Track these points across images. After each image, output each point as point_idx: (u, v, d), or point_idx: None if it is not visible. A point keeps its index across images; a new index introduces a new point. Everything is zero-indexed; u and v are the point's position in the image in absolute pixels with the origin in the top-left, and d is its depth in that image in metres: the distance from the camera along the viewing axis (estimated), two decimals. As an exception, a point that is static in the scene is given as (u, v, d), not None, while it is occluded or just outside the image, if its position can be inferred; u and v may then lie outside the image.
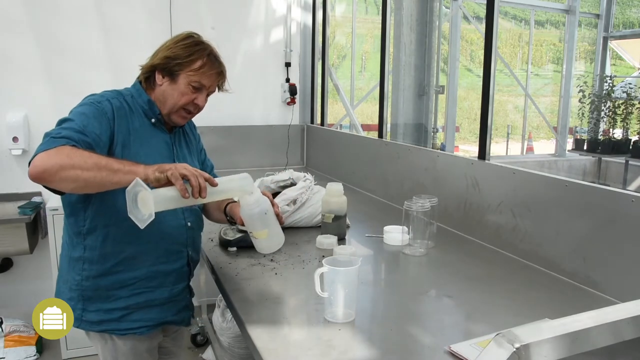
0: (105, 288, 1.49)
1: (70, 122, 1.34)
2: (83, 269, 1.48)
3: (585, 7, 8.72)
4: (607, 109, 5.96)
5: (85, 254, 1.48)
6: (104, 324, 1.51)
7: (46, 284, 2.92)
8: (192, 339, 3.13)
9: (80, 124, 1.33)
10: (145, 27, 3.28)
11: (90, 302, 1.49)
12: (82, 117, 1.36)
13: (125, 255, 1.48)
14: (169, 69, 1.50)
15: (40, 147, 1.25)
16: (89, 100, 1.45)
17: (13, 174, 3.10)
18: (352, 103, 5.17)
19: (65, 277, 1.54)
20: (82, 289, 1.49)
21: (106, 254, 1.47)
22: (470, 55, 14.45)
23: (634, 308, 0.67)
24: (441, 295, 1.54)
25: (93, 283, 1.48)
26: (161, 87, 1.53)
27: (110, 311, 1.50)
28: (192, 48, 1.51)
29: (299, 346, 1.19)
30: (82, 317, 1.50)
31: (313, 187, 2.15)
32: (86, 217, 1.46)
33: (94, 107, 1.41)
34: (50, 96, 3.13)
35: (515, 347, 0.57)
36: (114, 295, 1.49)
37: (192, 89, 1.51)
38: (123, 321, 1.51)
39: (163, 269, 1.54)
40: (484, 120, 2.04)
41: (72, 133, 1.29)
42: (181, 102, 1.52)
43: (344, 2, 7.50)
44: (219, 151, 3.46)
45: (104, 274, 1.48)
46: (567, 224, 1.64)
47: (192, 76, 1.50)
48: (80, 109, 1.40)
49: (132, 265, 1.49)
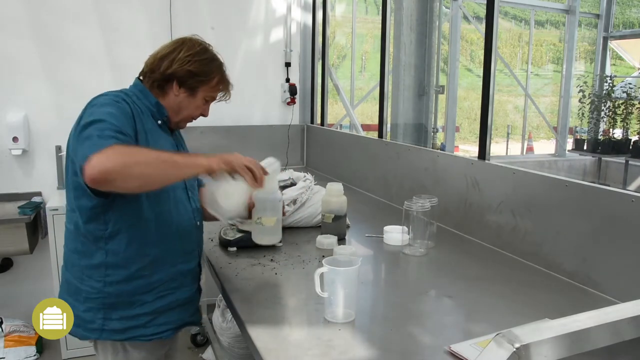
0: (129, 293, 1.44)
1: (105, 122, 1.28)
2: (106, 275, 1.41)
3: (585, 7, 8.72)
4: (607, 109, 5.96)
5: (108, 259, 1.41)
6: (129, 331, 1.45)
7: (46, 284, 2.93)
8: (192, 339, 3.13)
9: (116, 124, 1.29)
10: (145, 27, 3.28)
11: (112, 310, 1.43)
12: (114, 117, 1.31)
13: (151, 258, 1.45)
14: (189, 83, 1.52)
15: (89, 149, 1.19)
16: (105, 100, 1.38)
17: (13, 174, 3.10)
18: (352, 103, 5.17)
19: (76, 289, 1.45)
20: (103, 296, 1.42)
21: (130, 257, 1.42)
22: (470, 55, 14.45)
23: (634, 308, 0.67)
24: (441, 295, 1.54)
25: (116, 289, 1.42)
26: (177, 98, 1.54)
27: (135, 317, 1.45)
28: (211, 65, 1.55)
29: (299, 346, 1.19)
30: (103, 326, 1.43)
31: (313, 187, 2.15)
32: (107, 221, 1.40)
33: (117, 107, 1.36)
34: (50, 96, 3.13)
35: (515, 347, 0.57)
36: (139, 300, 1.45)
37: (205, 102, 1.58)
38: (149, 326, 1.47)
39: (182, 269, 1.53)
40: (484, 120, 2.04)
41: (115, 133, 1.26)
42: (194, 113, 1.58)
43: (344, 2, 7.50)
44: (219, 151, 3.41)
45: (128, 278, 1.43)
46: (567, 224, 1.64)
47: (208, 92, 1.56)
48: (106, 109, 1.33)
49: (157, 267, 1.46)
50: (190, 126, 1.70)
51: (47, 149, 3.13)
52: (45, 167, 3.15)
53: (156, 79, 1.52)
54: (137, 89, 1.53)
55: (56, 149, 3.13)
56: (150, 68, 1.53)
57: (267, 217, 1.55)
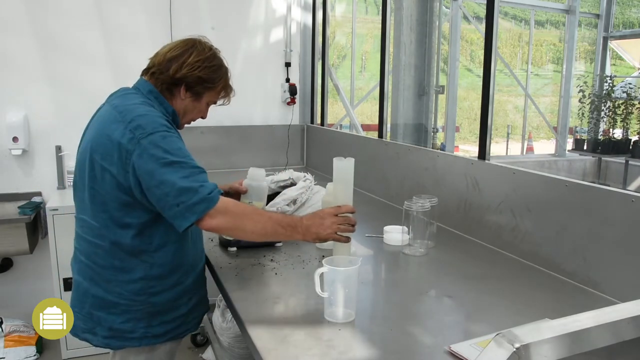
0: (171, 300, 1.52)
1: (188, 166, 1.36)
2: (150, 287, 1.47)
3: (585, 7, 8.72)
4: (607, 109, 5.96)
5: (152, 272, 1.46)
6: (169, 333, 1.54)
7: (46, 284, 2.93)
8: (192, 339, 3.13)
9: (193, 165, 1.38)
10: (145, 27, 3.28)
11: (154, 317, 1.50)
12: (185, 155, 1.38)
13: (187, 266, 1.55)
14: (196, 89, 1.55)
15: (198, 209, 1.32)
16: (160, 130, 1.38)
17: (13, 174, 3.10)
18: (352, 103, 5.17)
19: (112, 303, 1.47)
20: (148, 306, 1.48)
21: (173, 268, 1.50)
22: (470, 55, 14.45)
23: (634, 308, 0.67)
24: (441, 295, 1.54)
25: (160, 298, 1.49)
26: (184, 102, 1.56)
27: (174, 320, 1.54)
28: (219, 72, 1.58)
29: (299, 346, 1.19)
30: (146, 334, 1.49)
31: (313, 187, 2.15)
32: (153, 234, 1.45)
33: (176, 138, 1.42)
34: (50, 96, 3.13)
35: (515, 347, 0.57)
36: (178, 303, 1.54)
37: (207, 106, 1.65)
38: (183, 325, 1.58)
39: (202, 267, 1.67)
40: (484, 120, 2.04)
41: (208, 180, 1.38)
42: (197, 117, 1.65)
43: (344, 2, 7.50)
44: (219, 151, 3.47)
45: (171, 287, 1.51)
46: (567, 224, 1.64)
47: (212, 97, 1.62)
48: (174, 143, 1.38)
49: (190, 272, 1.57)
50: (190, 126, 1.72)
51: (47, 149, 3.13)
52: (45, 167, 3.15)
53: (165, 81, 1.52)
54: (153, 96, 1.53)
55: (56, 149, 3.13)
56: (159, 68, 1.52)
57: (257, 202, 1.78)
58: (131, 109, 1.42)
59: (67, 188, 3.16)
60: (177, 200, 1.32)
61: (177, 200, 1.32)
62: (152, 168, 1.32)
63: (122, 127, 1.37)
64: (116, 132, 1.37)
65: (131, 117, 1.39)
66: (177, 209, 1.32)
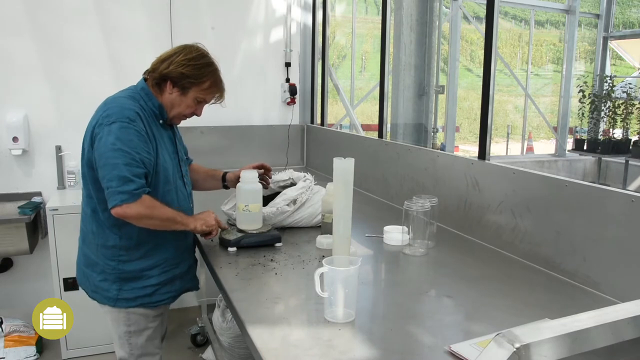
0: (139, 271, 1.72)
1: (131, 157, 1.56)
2: (119, 255, 1.69)
3: (585, 7, 8.72)
4: (607, 109, 5.96)
5: (121, 242, 1.69)
6: (139, 299, 1.74)
7: (46, 284, 2.93)
8: (192, 339, 3.13)
9: (137, 159, 1.57)
10: (145, 27, 3.28)
11: (125, 283, 1.71)
12: (134, 146, 1.58)
13: (157, 241, 1.73)
14: (181, 83, 1.71)
15: (118, 197, 1.53)
16: (123, 120, 1.59)
17: (13, 174, 3.10)
18: (352, 103, 5.17)
19: (93, 262, 1.73)
20: (118, 272, 1.70)
21: (141, 241, 1.70)
22: (470, 55, 14.45)
23: (634, 308, 0.67)
24: (441, 295, 1.54)
25: (128, 267, 1.70)
26: (171, 96, 1.73)
27: (144, 288, 1.73)
28: (205, 69, 1.72)
29: (299, 346, 1.19)
30: (118, 296, 1.72)
31: (313, 187, 2.15)
32: None
33: (134, 131, 1.59)
34: (50, 96, 3.13)
35: (515, 347, 0.57)
36: (147, 274, 1.73)
37: (197, 102, 1.76)
38: (155, 295, 1.76)
39: (181, 247, 1.82)
40: (484, 120, 2.04)
41: (137, 177, 1.56)
42: (185, 112, 1.77)
43: (344, 2, 7.50)
44: (219, 151, 3.47)
45: (138, 258, 1.71)
46: (567, 224, 1.64)
47: (199, 94, 1.73)
48: (129, 135, 1.58)
49: (161, 248, 1.74)
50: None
51: (47, 149, 3.13)
52: (45, 167, 3.15)
53: (155, 78, 1.72)
54: (144, 93, 1.72)
55: (56, 149, 3.13)
56: (152, 68, 1.73)
57: (252, 204, 1.85)
58: (111, 100, 1.68)
59: (67, 188, 3.16)
60: (108, 184, 1.55)
61: (108, 184, 1.55)
62: (103, 151, 1.56)
63: (98, 114, 1.64)
64: (94, 119, 1.64)
65: (107, 107, 1.64)
66: (107, 191, 1.56)
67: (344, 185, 1.61)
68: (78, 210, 1.83)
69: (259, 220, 1.91)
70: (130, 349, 1.80)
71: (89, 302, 1.79)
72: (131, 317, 1.76)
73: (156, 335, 1.86)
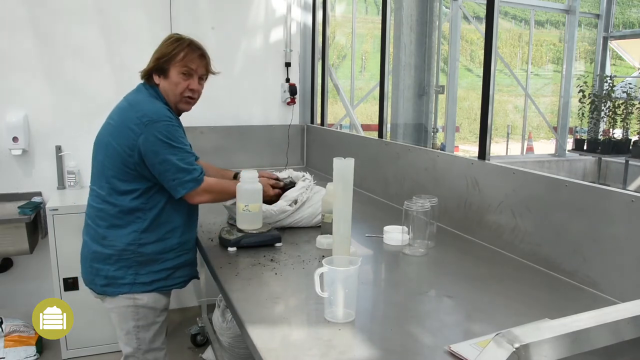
0: (158, 252, 1.78)
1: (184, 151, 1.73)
2: (140, 238, 1.75)
3: (585, 7, 8.72)
4: (607, 109, 5.96)
5: (143, 225, 1.75)
6: (155, 283, 1.80)
7: (46, 284, 2.93)
8: (192, 339, 3.13)
9: (187, 150, 1.75)
10: (146, 27, 3.27)
11: (142, 267, 1.77)
12: (182, 140, 1.74)
13: (175, 224, 1.81)
14: (160, 67, 1.78)
15: (188, 185, 1.72)
16: (164, 119, 1.71)
17: (13, 174, 3.10)
18: (352, 103, 5.17)
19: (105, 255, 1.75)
20: (137, 255, 1.75)
21: (161, 223, 1.78)
22: (470, 55, 14.45)
23: (634, 308, 0.67)
24: (441, 295, 1.54)
25: (148, 249, 1.76)
26: (161, 85, 1.80)
27: (159, 272, 1.80)
28: (174, 44, 1.78)
29: (299, 346, 1.19)
30: (135, 280, 1.77)
31: (313, 187, 2.15)
32: (149, 196, 1.75)
33: (177, 127, 1.75)
34: (50, 96, 3.13)
35: (515, 347, 0.57)
36: (162, 257, 1.79)
37: (184, 76, 1.79)
38: (169, 279, 1.83)
39: (192, 236, 1.92)
40: (484, 120, 2.04)
41: (197, 165, 1.77)
42: (178, 90, 1.80)
43: (344, 2, 7.51)
44: (219, 151, 3.47)
45: (157, 240, 1.77)
46: (567, 224, 1.64)
47: (179, 66, 1.77)
48: (176, 132, 1.72)
49: (178, 232, 1.82)
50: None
51: (47, 149, 3.13)
52: (45, 167, 3.15)
53: (146, 79, 1.82)
54: (154, 92, 1.80)
55: (56, 149, 3.13)
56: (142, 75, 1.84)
57: (253, 204, 1.87)
58: (140, 101, 1.77)
59: (67, 188, 3.16)
60: (174, 177, 1.70)
61: (174, 177, 1.70)
62: (157, 149, 1.67)
63: (132, 114, 1.70)
64: (127, 119, 1.70)
65: (139, 107, 1.73)
66: (172, 182, 1.71)
67: (343, 185, 1.61)
68: (78, 210, 1.84)
69: (259, 220, 1.91)
70: (139, 344, 1.82)
71: (89, 302, 1.79)
72: (140, 310, 1.79)
73: (162, 331, 1.89)
